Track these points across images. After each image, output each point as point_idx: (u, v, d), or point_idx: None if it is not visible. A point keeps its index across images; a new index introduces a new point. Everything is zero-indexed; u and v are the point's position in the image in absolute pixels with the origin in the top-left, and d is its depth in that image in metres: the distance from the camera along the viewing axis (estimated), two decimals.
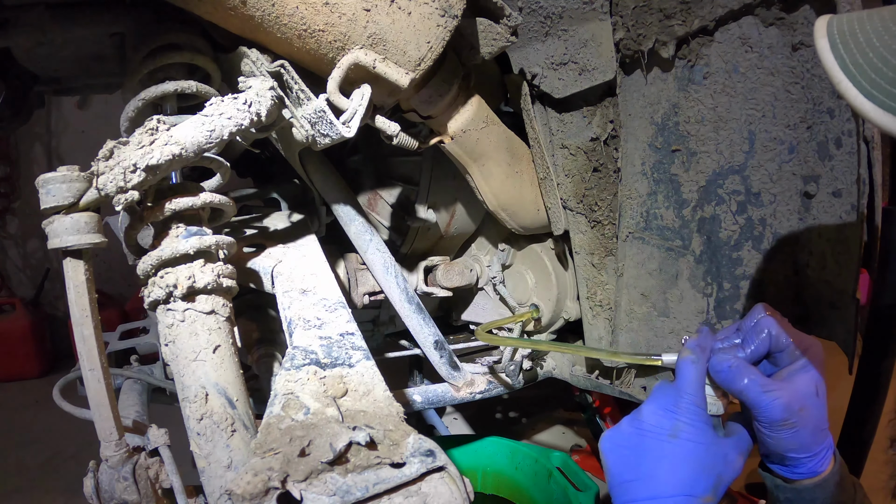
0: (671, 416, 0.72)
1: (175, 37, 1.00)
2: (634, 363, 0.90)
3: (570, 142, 1.19)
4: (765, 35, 0.89)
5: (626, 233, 1.15)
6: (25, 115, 1.36)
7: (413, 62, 0.87)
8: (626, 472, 0.73)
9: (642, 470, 0.71)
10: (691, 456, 0.70)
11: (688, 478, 0.69)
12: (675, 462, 0.70)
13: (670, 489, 0.69)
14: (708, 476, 0.70)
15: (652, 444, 0.72)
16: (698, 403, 0.72)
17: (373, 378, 0.78)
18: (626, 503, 0.72)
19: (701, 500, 0.69)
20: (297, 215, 1.31)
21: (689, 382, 0.73)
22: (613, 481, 0.75)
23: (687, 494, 0.69)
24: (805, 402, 0.69)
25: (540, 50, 1.12)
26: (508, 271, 1.47)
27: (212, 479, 0.69)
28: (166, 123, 0.75)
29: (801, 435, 0.70)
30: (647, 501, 0.70)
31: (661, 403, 0.73)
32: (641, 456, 0.72)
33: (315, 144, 0.89)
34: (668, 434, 0.71)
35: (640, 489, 0.71)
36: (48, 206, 0.69)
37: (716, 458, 0.71)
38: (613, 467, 0.75)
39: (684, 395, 0.72)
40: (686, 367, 0.74)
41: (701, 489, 0.69)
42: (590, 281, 1.27)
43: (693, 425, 0.71)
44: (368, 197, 1.48)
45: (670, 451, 0.71)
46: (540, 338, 1.44)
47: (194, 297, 0.76)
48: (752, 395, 0.70)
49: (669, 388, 0.75)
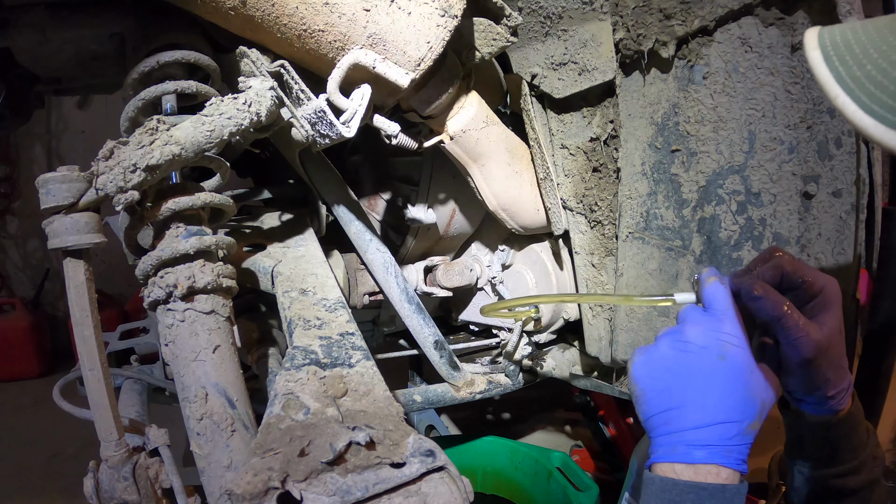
0: (717, 337, 0.67)
1: (175, 37, 1.00)
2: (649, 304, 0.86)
3: (570, 142, 1.19)
4: (765, 35, 0.89)
5: (625, 233, 1.15)
6: (25, 115, 1.35)
7: (413, 62, 0.87)
8: (668, 399, 0.67)
9: (689, 396, 0.66)
10: (742, 379, 0.65)
11: (740, 402, 0.65)
12: (726, 385, 0.65)
13: (721, 415, 0.64)
14: (755, 400, 0.66)
15: (699, 366, 0.66)
16: (740, 324, 0.68)
17: (373, 378, 0.78)
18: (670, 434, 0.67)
19: (750, 426, 0.65)
20: (296, 215, 1.31)
21: (727, 303, 0.69)
22: (651, 410, 0.68)
23: (739, 420, 0.64)
24: (832, 340, 0.67)
25: (540, 50, 1.12)
26: (508, 271, 1.47)
27: (212, 479, 0.69)
28: (166, 123, 0.75)
29: (825, 372, 0.68)
30: (695, 430, 0.65)
31: (706, 324, 0.68)
32: (687, 380, 0.66)
33: (315, 144, 0.89)
34: (716, 356, 0.66)
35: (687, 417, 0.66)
36: (48, 206, 0.69)
37: (760, 382, 0.67)
38: (651, 395, 0.68)
39: (727, 316, 0.68)
40: (718, 290, 0.70)
41: (751, 414, 0.65)
42: (590, 281, 1.27)
43: (741, 346, 0.66)
44: (368, 197, 1.48)
45: (720, 373, 0.65)
46: (539, 338, 1.44)
47: (194, 297, 0.76)
48: (790, 329, 0.66)
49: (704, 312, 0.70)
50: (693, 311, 0.71)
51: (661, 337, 0.72)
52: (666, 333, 0.72)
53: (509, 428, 2.29)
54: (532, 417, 2.27)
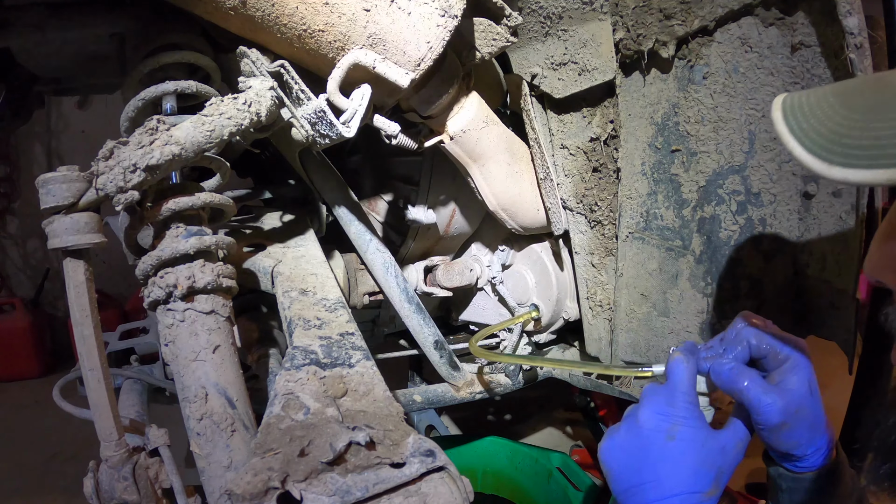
0: (667, 417, 0.73)
1: (175, 37, 1.00)
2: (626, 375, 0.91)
3: (570, 142, 1.19)
4: (765, 35, 0.89)
5: (625, 233, 1.15)
6: (25, 115, 1.36)
7: (413, 62, 0.87)
8: (629, 477, 0.74)
9: (644, 474, 0.73)
10: (690, 454, 0.71)
11: (689, 475, 0.71)
12: (675, 462, 0.71)
13: (675, 488, 0.71)
14: (708, 471, 0.71)
15: (651, 447, 0.73)
16: (691, 401, 0.74)
17: (373, 378, 0.78)
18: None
19: (705, 495, 0.71)
20: (296, 215, 1.31)
21: (681, 381, 0.75)
22: (618, 488, 0.76)
23: (691, 492, 0.70)
24: (801, 402, 0.71)
25: (540, 50, 1.12)
26: (508, 271, 1.47)
27: (212, 479, 0.69)
28: (166, 123, 0.75)
29: (798, 434, 0.72)
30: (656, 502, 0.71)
31: (656, 406, 0.75)
32: (642, 460, 0.73)
33: (315, 144, 0.89)
34: (665, 436, 0.72)
35: (646, 493, 0.72)
36: (48, 206, 0.69)
37: (713, 452, 0.72)
38: (616, 474, 0.76)
39: (677, 395, 0.74)
40: (677, 367, 0.76)
41: (703, 484, 0.71)
42: (589, 281, 1.27)
43: (688, 424, 0.72)
44: (368, 197, 1.48)
45: (669, 452, 0.72)
46: (539, 338, 1.44)
47: (194, 297, 0.76)
48: (752, 397, 0.71)
49: (661, 389, 0.76)
50: (648, 391, 0.78)
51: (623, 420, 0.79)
52: (627, 414, 0.79)
53: (509, 428, 2.29)
54: (532, 417, 2.27)
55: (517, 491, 1.61)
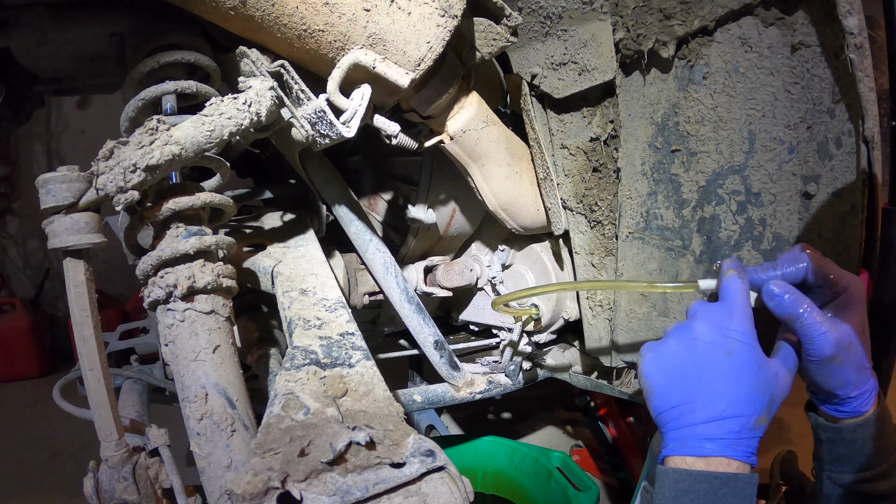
0: (727, 333, 0.68)
1: (175, 37, 1.00)
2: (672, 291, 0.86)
3: (570, 142, 1.19)
4: (765, 35, 0.89)
5: (625, 233, 1.15)
6: (25, 115, 1.36)
7: (413, 62, 0.87)
8: (678, 395, 0.69)
9: (697, 391, 0.68)
10: (749, 374, 0.67)
11: (746, 397, 0.67)
12: (733, 381, 0.67)
13: (729, 410, 0.66)
14: (763, 395, 0.68)
15: (707, 362, 0.68)
16: (750, 320, 0.70)
17: (373, 378, 0.78)
18: (680, 429, 0.69)
19: (758, 420, 0.67)
20: (296, 215, 1.31)
21: (739, 298, 0.70)
22: (661, 406, 0.70)
23: (747, 414, 0.67)
24: (853, 338, 0.68)
25: (540, 50, 1.12)
26: (508, 271, 1.47)
27: (212, 479, 0.69)
28: (166, 123, 0.75)
29: (847, 372, 0.69)
30: (705, 425, 0.67)
31: (715, 320, 0.70)
32: (695, 376, 0.68)
33: (315, 144, 0.89)
34: (724, 352, 0.68)
35: (696, 412, 0.68)
36: (48, 206, 0.69)
37: (769, 377, 0.68)
38: (661, 390, 0.70)
39: (736, 311, 0.70)
40: (734, 284, 0.71)
41: (758, 409, 0.67)
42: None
43: (748, 343, 0.68)
44: (368, 197, 1.48)
45: (727, 369, 0.67)
46: (539, 338, 1.44)
47: (194, 297, 0.76)
48: (807, 326, 0.68)
49: (717, 305, 0.72)
50: (703, 307, 0.73)
51: (671, 332, 0.73)
52: (675, 329, 0.73)
53: (509, 428, 2.29)
54: (532, 417, 2.27)
55: (517, 491, 1.61)
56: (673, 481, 0.67)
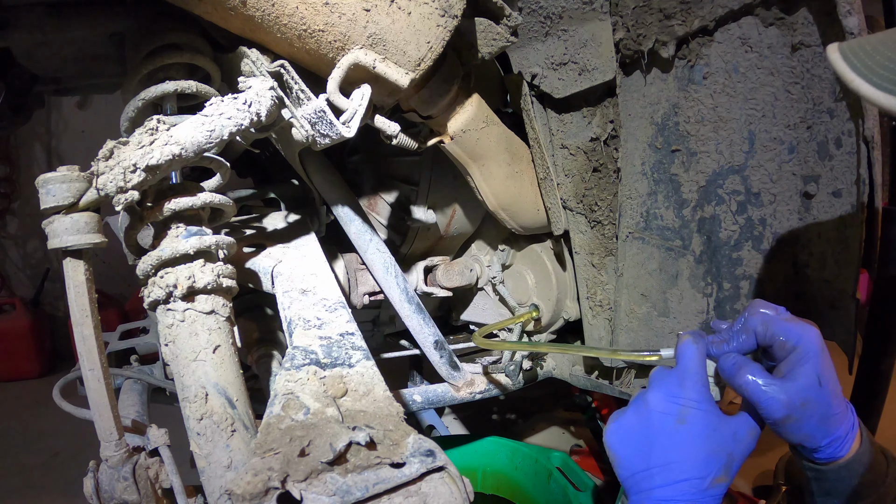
0: (677, 401, 0.71)
1: (175, 37, 1.00)
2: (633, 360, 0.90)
3: (570, 142, 1.19)
4: (765, 35, 0.89)
5: (626, 233, 1.15)
6: (25, 115, 1.35)
7: (413, 62, 0.87)
8: (637, 462, 0.72)
9: (653, 459, 0.71)
10: (701, 439, 0.70)
11: (700, 461, 0.69)
12: (686, 447, 0.70)
13: (683, 474, 0.69)
14: (719, 456, 0.70)
15: (660, 431, 0.71)
16: (702, 384, 0.72)
17: (373, 378, 0.78)
18: (640, 493, 0.72)
19: (714, 480, 0.69)
20: (296, 215, 1.31)
21: (692, 364, 0.73)
22: (625, 473, 0.74)
23: (700, 477, 0.69)
24: (807, 394, 0.69)
25: (540, 50, 1.12)
26: (508, 271, 1.47)
27: (212, 479, 0.69)
28: (166, 123, 0.75)
29: (807, 427, 0.70)
30: (662, 488, 0.70)
31: (666, 389, 0.72)
32: (650, 445, 0.71)
33: (315, 144, 0.89)
34: (675, 420, 0.71)
35: (654, 478, 0.71)
36: (48, 206, 0.69)
37: (725, 437, 0.71)
38: (624, 460, 0.74)
39: (688, 378, 0.72)
40: (687, 349, 0.74)
41: (714, 470, 0.69)
42: (590, 281, 1.27)
43: (700, 408, 0.70)
44: (368, 197, 1.48)
45: (679, 436, 0.70)
46: (539, 338, 1.44)
47: (194, 297, 0.76)
48: (751, 392, 0.70)
49: (671, 373, 0.74)
50: (659, 374, 0.76)
51: (630, 403, 0.77)
52: (634, 398, 0.77)
53: (509, 428, 2.29)
54: (532, 417, 2.27)
55: (517, 491, 1.61)
56: None
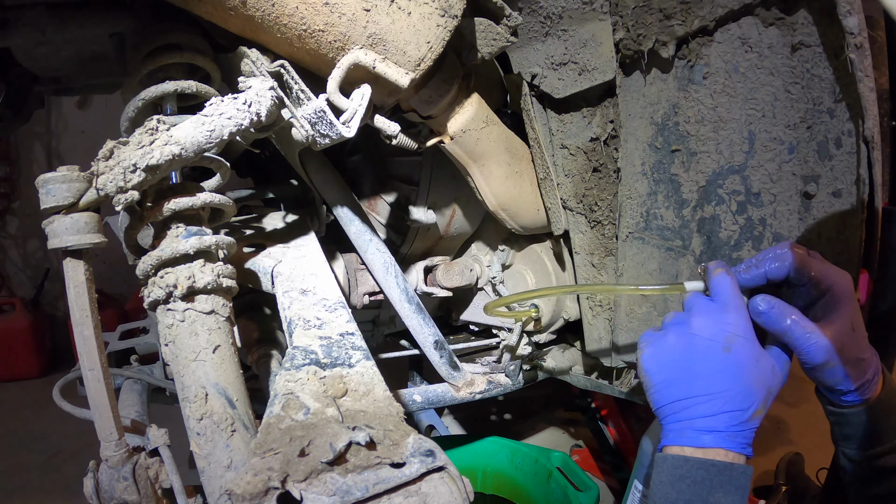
0: (722, 329, 0.70)
1: (175, 37, 1.00)
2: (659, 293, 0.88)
3: (570, 142, 1.19)
4: (765, 35, 0.89)
5: (626, 233, 1.15)
6: (25, 115, 1.36)
7: (413, 62, 0.87)
8: (677, 389, 0.71)
9: (696, 386, 0.69)
10: (747, 369, 0.69)
11: (744, 392, 0.68)
12: (731, 376, 0.69)
13: (728, 405, 0.68)
14: (760, 389, 0.69)
15: (705, 358, 0.69)
16: (746, 315, 0.71)
17: (373, 378, 0.78)
18: (679, 421, 0.70)
19: (755, 413, 0.69)
20: (296, 215, 1.31)
21: (733, 295, 0.72)
22: (661, 401, 0.72)
23: (743, 408, 0.68)
24: (843, 339, 0.69)
25: (540, 50, 1.12)
26: (508, 271, 1.47)
27: (212, 479, 0.69)
28: (166, 123, 0.75)
29: (841, 370, 0.70)
30: (704, 419, 0.69)
31: (712, 316, 0.71)
32: (694, 372, 0.70)
33: (315, 144, 0.89)
34: (721, 348, 0.69)
35: (695, 407, 0.69)
36: (48, 206, 0.69)
37: (766, 370, 0.70)
38: (661, 386, 0.72)
39: (731, 307, 0.71)
40: (724, 281, 0.73)
41: (755, 403, 0.69)
42: (589, 281, 1.27)
43: (746, 337, 0.70)
44: (368, 197, 1.48)
45: (725, 364, 0.69)
46: (539, 338, 1.44)
47: (194, 297, 0.76)
48: (796, 338, 0.69)
49: (711, 302, 0.73)
50: (699, 301, 0.74)
51: (669, 326, 0.75)
52: (673, 323, 0.75)
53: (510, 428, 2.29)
54: (532, 417, 2.27)
55: (517, 491, 1.61)
56: (671, 467, 0.69)
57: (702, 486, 0.67)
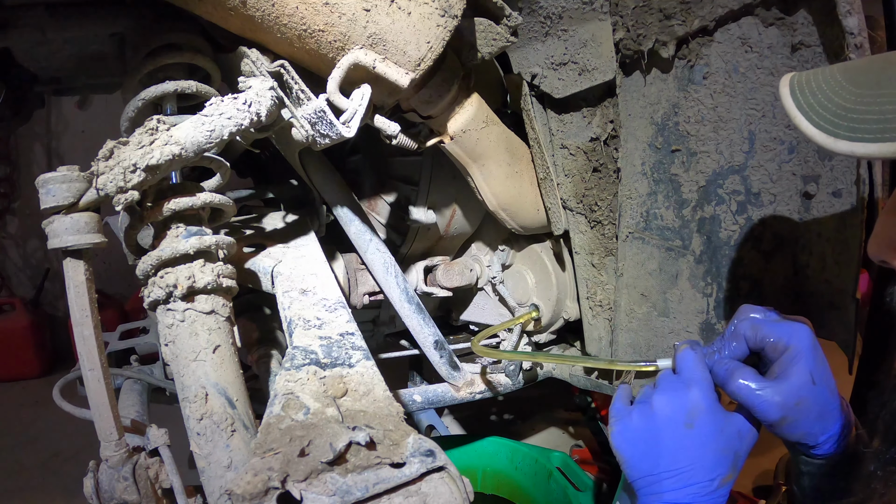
0: (683, 405, 0.71)
1: (175, 37, 1.00)
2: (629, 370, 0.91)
3: (570, 142, 1.19)
4: (765, 35, 0.89)
5: (626, 233, 1.15)
6: (25, 115, 1.36)
7: (413, 62, 0.87)
8: (645, 466, 0.73)
9: (662, 464, 0.71)
10: (710, 442, 0.70)
11: (709, 463, 0.70)
12: (695, 451, 0.70)
13: (694, 478, 0.70)
14: (727, 456, 0.71)
15: (668, 435, 0.71)
16: (708, 387, 0.72)
17: (373, 378, 0.78)
18: (650, 495, 0.72)
19: (723, 480, 0.70)
20: (296, 215, 1.31)
21: (695, 369, 0.73)
22: (634, 476, 0.74)
23: (710, 479, 0.70)
24: (801, 394, 0.69)
25: (540, 50, 1.12)
26: (508, 271, 1.47)
27: (212, 479, 0.69)
28: (166, 123, 0.75)
29: (804, 425, 0.70)
30: (673, 492, 0.70)
31: (672, 393, 0.73)
32: (659, 449, 0.72)
33: (315, 144, 0.89)
34: (683, 424, 0.71)
35: (664, 482, 0.71)
36: (48, 206, 0.69)
37: (731, 436, 0.71)
38: (632, 463, 0.74)
39: (693, 382, 0.72)
40: (687, 356, 0.74)
41: (722, 471, 0.70)
42: (590, 281, 1.27)
43: (707, 412, 0.71)
44: (368, 197, 1.48)
45: (689, 441, 0.70)
46: (539, 338, 1.44)
47: (194, 297, 0.76)
48: (746, 397, 0.70)
49: (674, 378, 0.75)
50: (665, 379, 0.76)
51: (636, 404, 0.77)
52: (640, 401, 0.77)
53: (510, 428, 2.29)
54: (532, 417, 2.27)
55: (517, 491, 1.61)
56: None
57: None
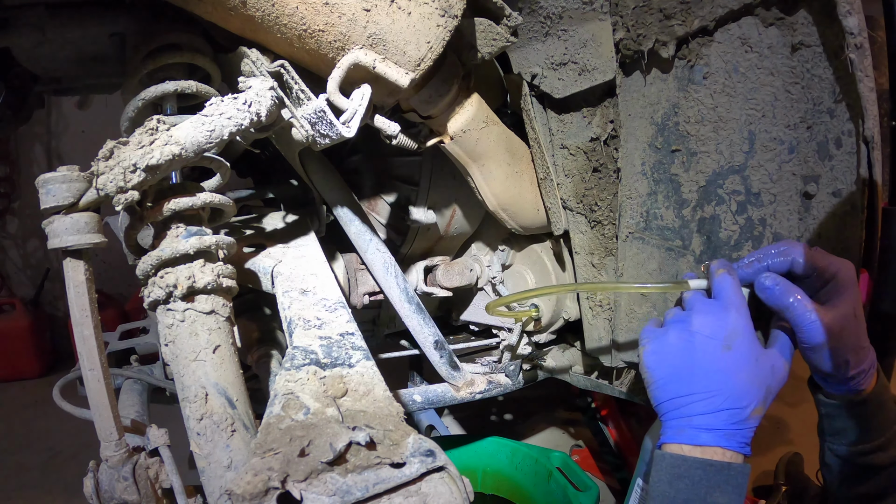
0: (724, 327, 0.70)
1: (175, 37, 1.00)
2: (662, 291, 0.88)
3: (570, 142, 1.19)
4: (765, 35, 0.89)
5: (626, 233, 1.15)
6: (25, 115, 1.35)
7: (413, 62, 0.87)
8: (677, 387, 0.71)
9: (696, 384, 0.70)
10: (746, 367, 0.69)
11: (743, 390, 0.69)
12: (731, 374, 0.69)
13: (726, 402, 0.69)
14: (760, 387, 0.70)
15: (704, 355, 0.70)
16: (747, 314, 0.72)
17: (373, 378, 0.78)
18: (678, 419, 0.71)
19: (753, 411, 0.69)
20: (296, 215, 1.31)
21: (734, 294, 0.73)
22: (661, 397, 0.73)
23: (742, 406, 0.69)
24: (844, 323, 0.70)
25: (540, 50, 1.12)
26: (508, 271, 1.47)
27: (212, 479, 0.69)
28: (166, 123, 0.75)
29: (841, 355, 0.70)
30: (701, 416, 0.69)
31: (713, 315, 0.72)
32: (694, 369, 0.70)
33: (315, 144, 0.89)
34: (722, 346, 0.70)
35: (694, 404, 0.70)
36: (48, 206, 0.69)
37: (765, 369, 0.71)
38: (661, 382, 0.73)
39: (732, 307, 0.72)
40: (726, 281, 0.74)
41: (755, 401, 0.69)
42: (590, 281, 1.27)
43: (746, 336, 0.70)
44: (368, 197, 1.48)
45: (725, 363, 0.69)
46: (539, 338, 1.44)
47: (194, 297, 0.76)
48: (797, 315, 0.70)
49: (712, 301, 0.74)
50: (700, 299, 0.75)
51: (670, 323, 0.75)
52: (674, 320, 0.75)
53: (510, 428, 2.29)
54: (532, 417, 2.27)
55: (517, 491, 1.61)
56: (669, 466, 0.70)
57: (699, 486, 0.67)
